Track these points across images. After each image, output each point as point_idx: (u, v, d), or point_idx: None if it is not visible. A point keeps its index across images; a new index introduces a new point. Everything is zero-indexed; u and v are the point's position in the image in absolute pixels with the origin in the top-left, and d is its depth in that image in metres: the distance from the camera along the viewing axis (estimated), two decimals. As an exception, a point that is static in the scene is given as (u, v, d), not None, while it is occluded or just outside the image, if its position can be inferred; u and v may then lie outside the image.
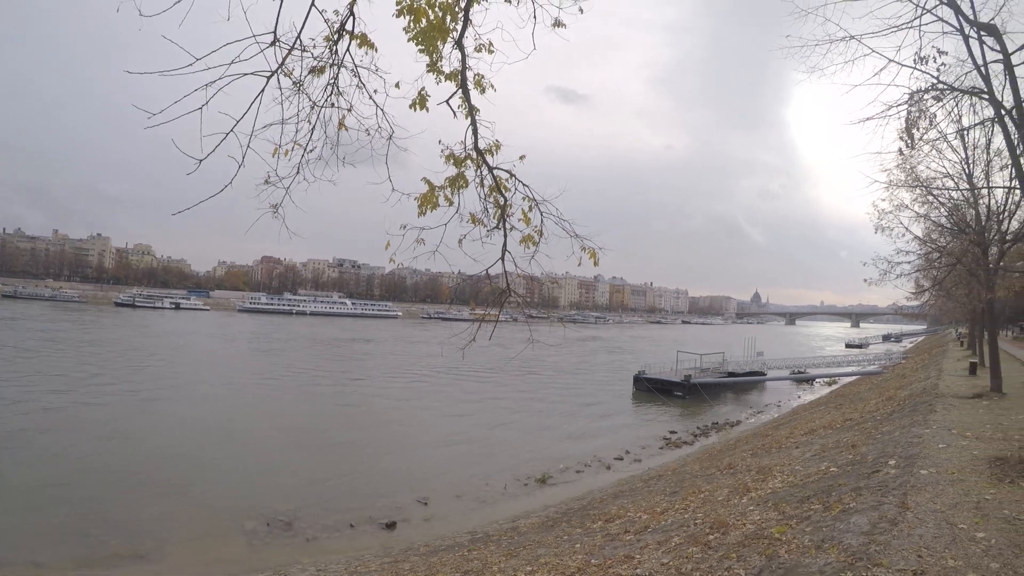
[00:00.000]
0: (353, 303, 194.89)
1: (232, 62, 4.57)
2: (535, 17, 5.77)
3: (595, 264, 6.32)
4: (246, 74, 4.73)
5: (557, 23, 5.80)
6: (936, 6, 10.38)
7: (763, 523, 8.56)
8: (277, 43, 4.94)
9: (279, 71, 5.06)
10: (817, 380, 56.81)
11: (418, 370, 48.57)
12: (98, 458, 21.88)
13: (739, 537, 8.11)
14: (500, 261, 6.49)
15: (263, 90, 4.92)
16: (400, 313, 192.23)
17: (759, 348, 64.22)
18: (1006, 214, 19.71)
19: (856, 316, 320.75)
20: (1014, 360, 35.53)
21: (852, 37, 10.68)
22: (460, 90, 5.90)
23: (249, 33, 4.68)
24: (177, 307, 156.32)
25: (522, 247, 6.41)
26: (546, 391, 44.01)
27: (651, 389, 44.32)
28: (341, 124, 5.73)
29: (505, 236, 6.40)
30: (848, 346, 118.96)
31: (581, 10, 5.85)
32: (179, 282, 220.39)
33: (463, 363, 48.71)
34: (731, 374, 51.41)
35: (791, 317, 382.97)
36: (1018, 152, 10.80)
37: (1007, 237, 19.88)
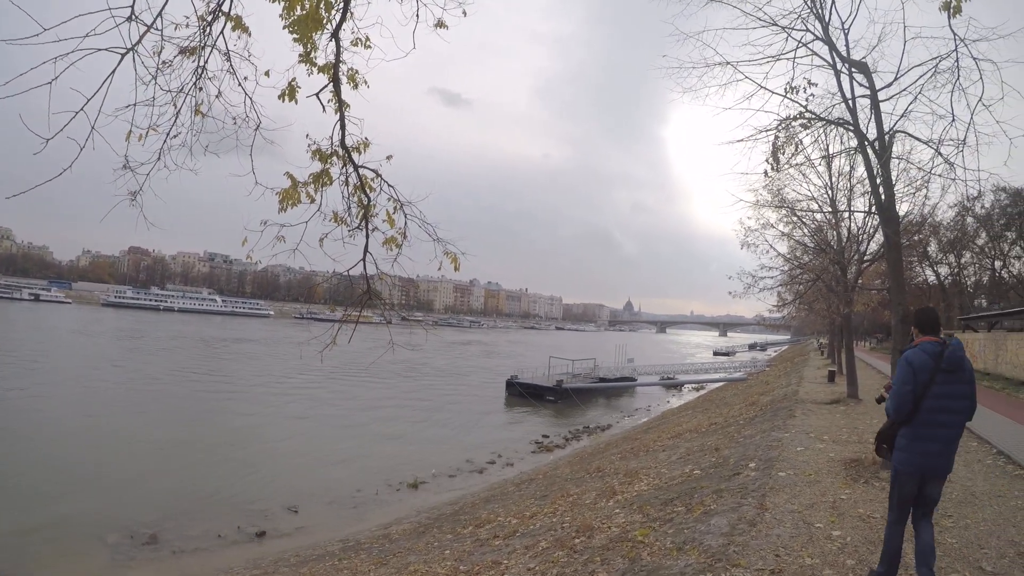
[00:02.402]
0: (224, 300, 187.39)
1: (87, 35, 4.24)
2: (418, 16, 5.66)
3: (456, 269, 6.22)
4: (99, 50, 4.40)
5: (440, 24, 5.69)
6: (812, 41, 10.88)
7: (628, 526, 8.63)
8: (134, 19, 4.63)
9: (135, 49, 4.74)
10: (686, 386, 58.36)
11: (291, 372, 47.19)
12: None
13: (604, 540, 8.14)
14: (361, 262, 6.31)
15: (115, 70, 4.58)
16: (272, 312, 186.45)
17: (630, 355, 65.36)
18: (864, 237, 20.74)
19: (724, 326, 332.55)
20: (870, 368, 37.54)
21: (728, 63, 11.01)
22: (331, 84, 5.72)
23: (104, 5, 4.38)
24: (36, 299, 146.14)
25: (385, 249, 6.27)
26: (422, 395, 43.55)
27: (523, 394, 44.53)
28: (198, 110, 5.46)
29: (367, 237, 6.21)
30: (716, 354, 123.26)
31: (464, 12, 5.75)
32: (40, 271, 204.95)
33: (339, 366, 48.03)
34: (602, 379, 52.10)
35: (662, 325, 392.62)
36: (877, 181, 11.31)
37: (865, 258, 20.95)
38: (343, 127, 5.83)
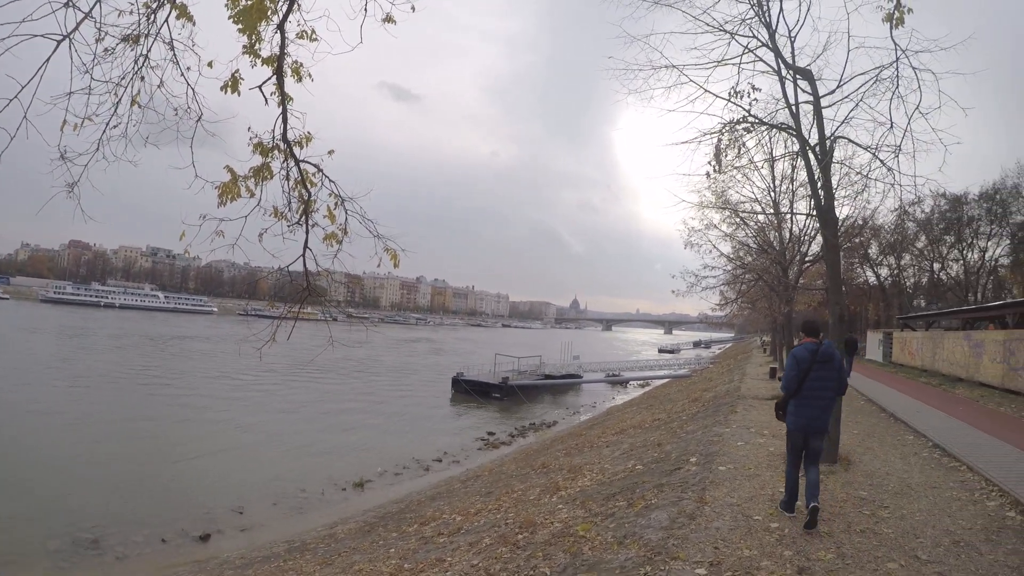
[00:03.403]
0: (166, 296, 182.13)
1: (24, 20, 4.15)
2: (366, 10, 5.60)
3: (395, 266, 6.19)
4: (35, 36, 4.29)
5: (388, 19, 5.67)
6: (759, 47, 11.01)
7: (570, 521, 8.66)
8: (71, 5, 4.52)
9: (71, 37, 4.63)
10: (631, 383, 58.90)
11: (237, 371, 46.23)
12: None
13: (547, 536, 8.16)
14: (301, 258, 6.24)
15: (50, 57, 4.47)
16: (215, 309, 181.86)
17: (576, 352, 65.51)
18: (806, 238, 21.10)
19: (669, 324, 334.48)
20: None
21: (674, 66, 11.12)
22: (275, 76, 5.65)
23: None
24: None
25: (326, 245, 6.21)
26: (369, 393, 43.20)
27: (470, 391, 44.50)
28: (134, 101, 5.35)
29: (307, 232, 6.16)
30: (661, 351, 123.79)
31: (413, 8, 5.72)
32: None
33: (288, 364, 47.35)
34: (548, 376, 52.26)
35: (608, 323, 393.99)
36: (818, 185, 11.51)
37: (806, 259, 21.32)
38: (285, 120, 5.77)
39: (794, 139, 11.99)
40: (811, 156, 11.46)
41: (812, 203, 15.44)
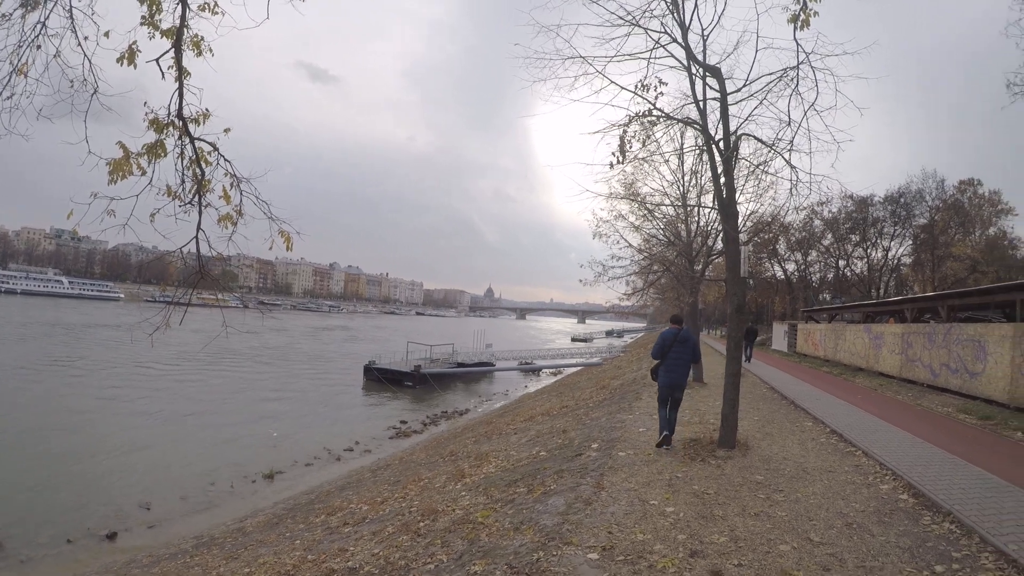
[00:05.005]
0: (71, 282, 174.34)
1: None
2: (276, -15, 5.34)
3: (288, 249, 6.10)
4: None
5: (299, -6, 5.50)
6: (670, 43, 11.08)
7: (471, 508, 8.64)
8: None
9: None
10: (544, 371, 59.34)
11: (147, 360, 44.76)
12: None
13: (447, 523, 8.12)
14: (194, 240, 6.05)
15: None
16: (123, 295, 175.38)
17: (490, 340, 65.80)
18: (713, 231, 21.40)
19: (583, 313, 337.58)
20: (719, 355, 38.93)
21: (582, 57, 11.13)
22: (174, 49, 5.45)
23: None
24: None
25: (220, 227, 6.04)
26: (280, 381, 42.40)
27: (381, 379, 44.20)
28: (21, 70, 5.12)
29: (200, 214, 5.96)
30: (574, 340, 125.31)
31: (323, -16, 5.59)
32: None
33: (200, 353, 46.13)
34: (461, 364, 52.25)
35: (522, 312, 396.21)
36: (721, 180, 11.69)
37: (712, 252, 21.66)
38: (181, 96, 5.57)
39: (700, 134, 12.17)
40: (715, 151, 11.64)
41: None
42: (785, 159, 10.80)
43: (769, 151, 11.62)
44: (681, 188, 21.69)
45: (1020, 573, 5.87)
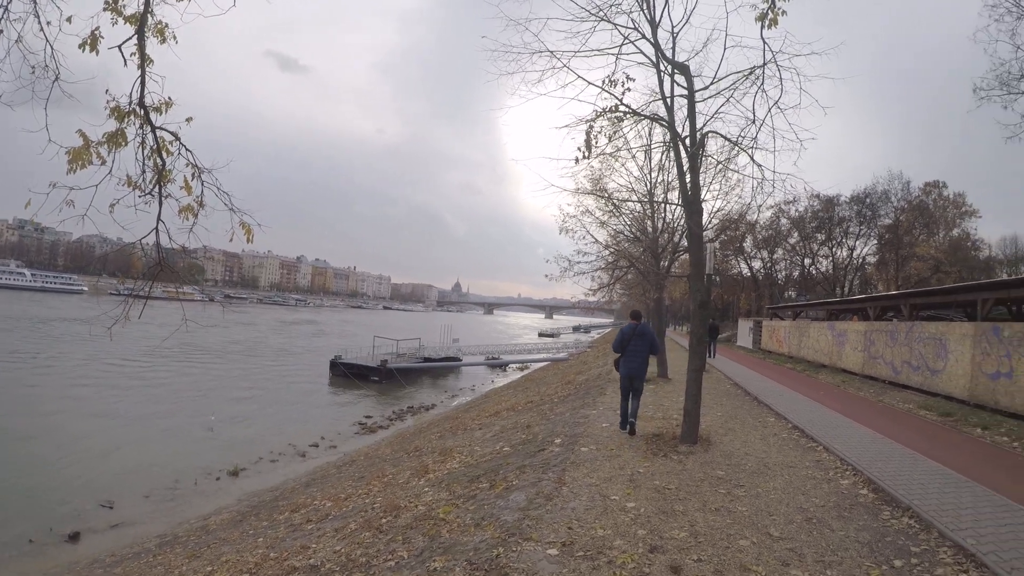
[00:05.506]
0: (33, 274, 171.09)
1: None
2: (242, -28, 5.33)
3: (249, 241, 6.01)
4: None
5: (266, -18, 5.45)
6: (639, 39, 11.09)
7: (434, 504, 8.60)
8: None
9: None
10: (510, 366, 59.59)
11: (113, 355, 43.84)
12: None
13: (409, 519, 8.09)
14: (154, 231, 5.95)
15: None
16: (86, 288, 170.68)
17: (457, 335, 65.88)
18: (680, 228, 21.48)
19: (550, 309, 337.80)
20: (684, 351, 39.25)
21: (550, 52, 11.10)
22: (136, 36, 5.35)
23: None
24: None
25: (181, 218, 5.95)
26: (250, 376, 42.00)
27: (348, 374, 44.02)
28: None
29: (160, 204, 5.87)
30: (541, 335, 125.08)
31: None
32: None
33: (161, 349, 45.50)
34: (427, 359, 52.21)
35: (490, 307, 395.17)
36: (686, 177, 11.73)
37: (678, 248, 21.76)
38: (143, 84, 5.49)
39: (667, 130, 12.20)
40: (682, 148, 11.68)
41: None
42: (750, 156, 10.85)
43: (734, 148, 11.71)
44: (648, 184, 21.74)
45: (978, 567, 5.96)
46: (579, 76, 11.09)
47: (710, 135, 11.94)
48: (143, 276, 6.45)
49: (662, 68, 11.36)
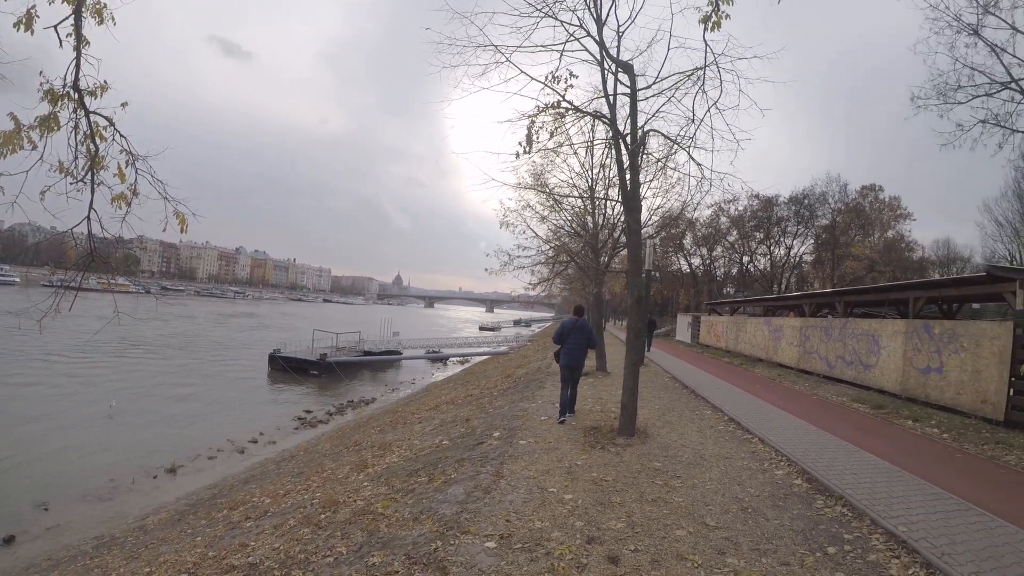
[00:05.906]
0: None
1: None
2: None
3: (183, 231, 5.92)
4: None
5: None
6: (584, 37, 11.13)
7: (372, 498, 8.57)
8: None
9: None
10: (451, 359, 59.22)
11: (43, 350, 42.60)
12: None
13: (348, 515, 8.05)
14: (86, 220, 5.82)
15: None
16: (18, 279, 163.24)
17: (397, 328, 65.45)
18: (619, 225, 21.63)
19: (491, 302, 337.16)
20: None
21: (494, 46, 11.09)
22: (74, 15, 5.22)
23: None
24: None
25: (114, 207, 5.82)
26: (187, 370, 40.98)
27: (287, 368, 43.46)
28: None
29: (93, 192, 5.74)
30: (482, 329, 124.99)
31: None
32: None
33: (96, 343, 44.34)
34: (368, 353, 51.80)
35: (431, 300, 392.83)
36: (626, 174, 11.83)
37: (618, 244, 21.92)
38: (78, 66, 5.35)
39: (608, 127, 12.31)
40: (622, 145, 11.78)
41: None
42: (688, 154, 10.98)
43: (674, 147, 11.83)
44: (589, 180, 21.84)
45: (909, 553, 6.14)
46: (522, 71, 11.11)
47: (651, 133, 12.03)
48: (74, 267, 6.29)
49: (606, 66, 11.44)
